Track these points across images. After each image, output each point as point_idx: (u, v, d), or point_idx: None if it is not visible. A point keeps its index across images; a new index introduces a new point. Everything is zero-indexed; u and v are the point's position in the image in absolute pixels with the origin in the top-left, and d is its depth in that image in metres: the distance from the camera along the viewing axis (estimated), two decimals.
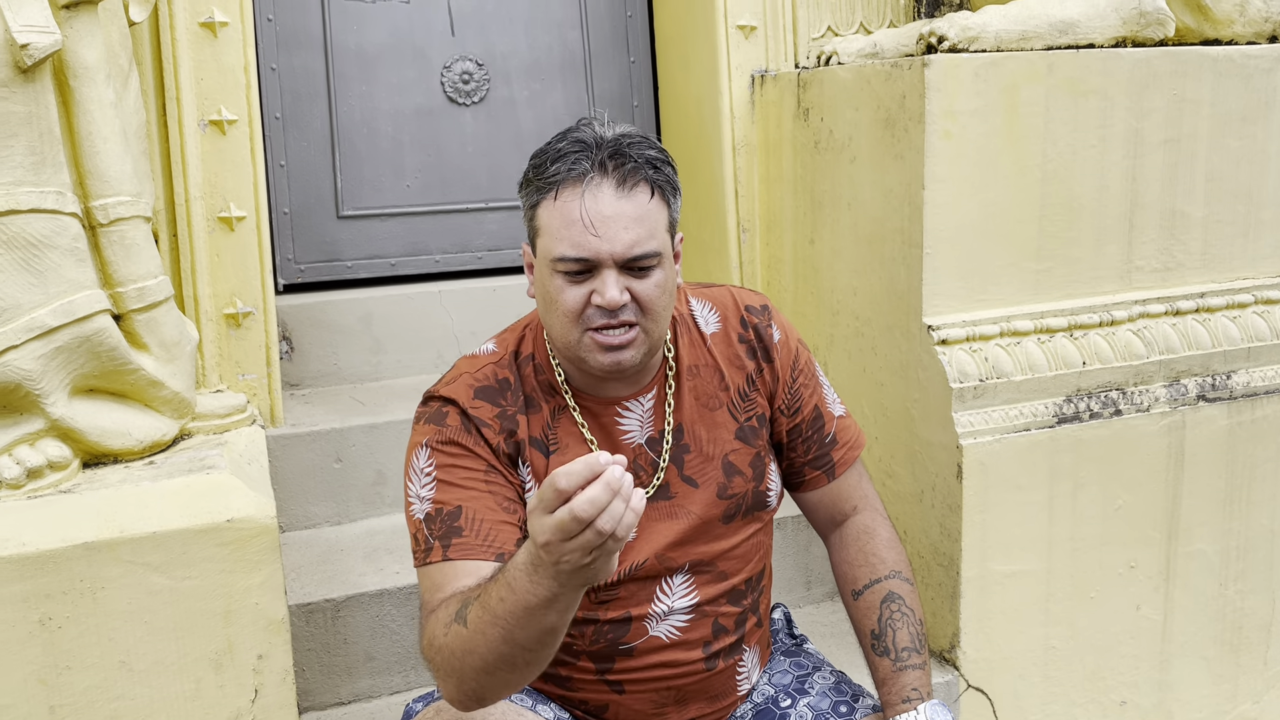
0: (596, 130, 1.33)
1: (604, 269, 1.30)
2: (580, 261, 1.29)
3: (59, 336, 1.70)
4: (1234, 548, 2.45)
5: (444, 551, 1.31)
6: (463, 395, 1.40)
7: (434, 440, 1.37)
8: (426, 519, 1.34)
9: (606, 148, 1.30)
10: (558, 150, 1.31)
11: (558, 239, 1.30)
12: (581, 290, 1.31)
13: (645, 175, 1.31)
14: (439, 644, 1.23)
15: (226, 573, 1.72)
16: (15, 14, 1.63)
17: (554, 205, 1.31)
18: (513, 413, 1.40)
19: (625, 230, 1.29)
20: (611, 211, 1.28)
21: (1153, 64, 2.30)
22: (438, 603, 1.28)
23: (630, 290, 1.31)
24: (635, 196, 1.30)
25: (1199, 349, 2.37)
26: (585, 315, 1.31)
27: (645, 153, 1.32)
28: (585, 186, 1.29)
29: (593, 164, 1.29)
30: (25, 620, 1.63)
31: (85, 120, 1.77)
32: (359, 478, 2.49)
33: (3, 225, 1.65)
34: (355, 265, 2.94)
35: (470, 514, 1.32)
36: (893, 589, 1.50)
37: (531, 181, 1.33)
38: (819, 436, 1.54)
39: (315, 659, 2.14)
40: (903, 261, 2.25)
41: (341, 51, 2.87)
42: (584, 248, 1.29)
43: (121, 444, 1.82)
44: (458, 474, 1.35)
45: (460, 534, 1.31)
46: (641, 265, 1.31)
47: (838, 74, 2.41)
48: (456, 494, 1.34)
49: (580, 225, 1.28)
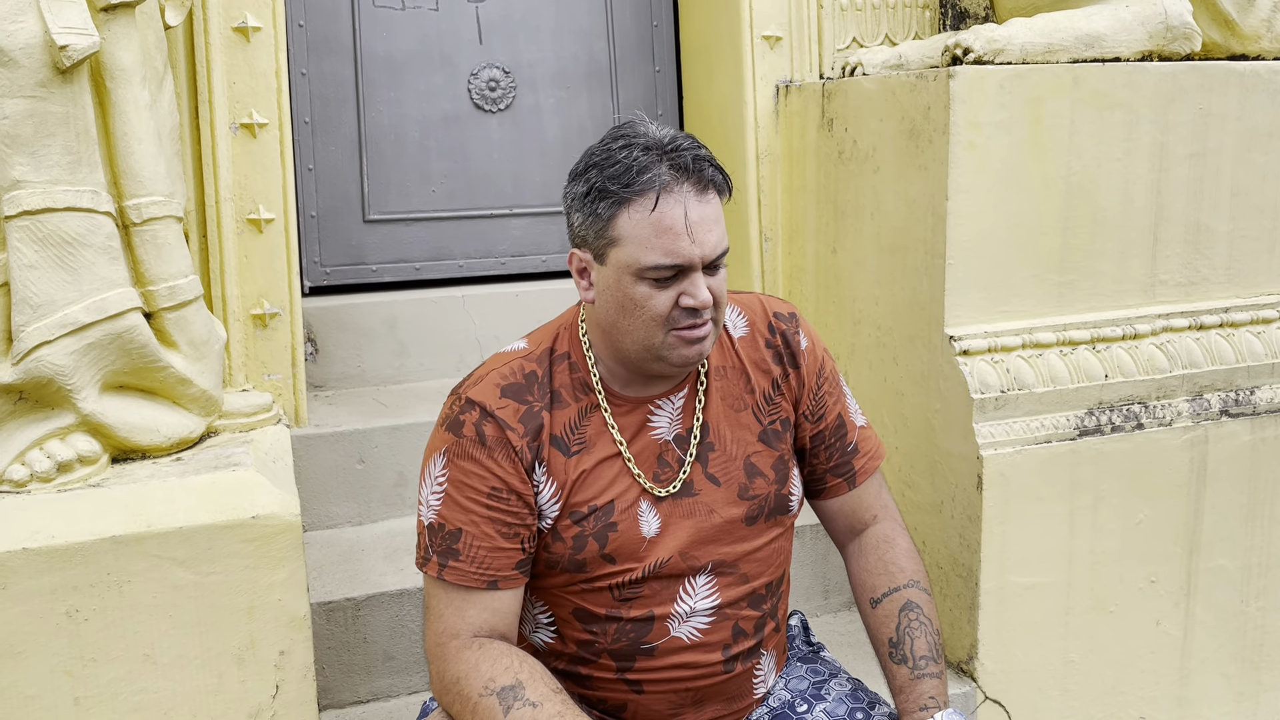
0: (651, 132, 1.36)
1: (693, 272, 1.34)
2: (674, 268, 1.33)
3: (91, 333, 1.73)
4: (1256, 564, 2.43)
5: (440, 570, 1.38)
6: (489, 396, 1.42)
7: (451, 451, 1.40)
8: (430, 528, 1.40)
9: (673, 153, 1.33)
10: (635, 160, 1.32)
11: (647, 247, 1.32)
12: (670, 294, 1.34)
13: (713, 178, 1.36)
14: (462, 691, 1.33)
15: (250, 569, 1.74)
16: (55, 16, 1.67)
17: (645, 215, 1.32)
18: (538, 409, 1.42)
19: (709, 233, 1.34)
20: (697, 216, 1.33)
21: (1179, 78, 2.29)
22: (454, 632, 1.37)
23: (708, 287, 1.36)
24: (711, 199, 1.35)
25: (1222, 364, 2.36)
26: (671, 317, 1.35)
27: (703, 153, 1.36)
28: (674, 195, 1.32)
29: (676, 171, 1.32)
30: (53, 612, 1.66)
31: (121, 121, 1.80)
32: (381, 479, 2.51)
33: (39, 223, 1.68)
34: (380, 269, 2.97)
35: (468, 540, 1.37)
36: (911, 598, 1.50)
37: (612, 193, 1.33)
38: (841, 444, 1.55)
39: (335, 657, 2.16)
40: (925, 272, 2.26)
41: (371, 58, 2.91)
42: (679, 254, 1.32)
43: (150, 440, 1.84)
44: (464, 493, 1.38)
45: (456, 557, 1.38)
46: (718, 263, 1.37)
47: (862, 85, 2.42)
48: (459, 516, 1.38)
49: (674, 233, 1.31)
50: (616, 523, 1.42)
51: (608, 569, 1.42)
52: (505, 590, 1.39)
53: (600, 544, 1.41)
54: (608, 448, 1.44)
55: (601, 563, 1.42)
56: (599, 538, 1.41)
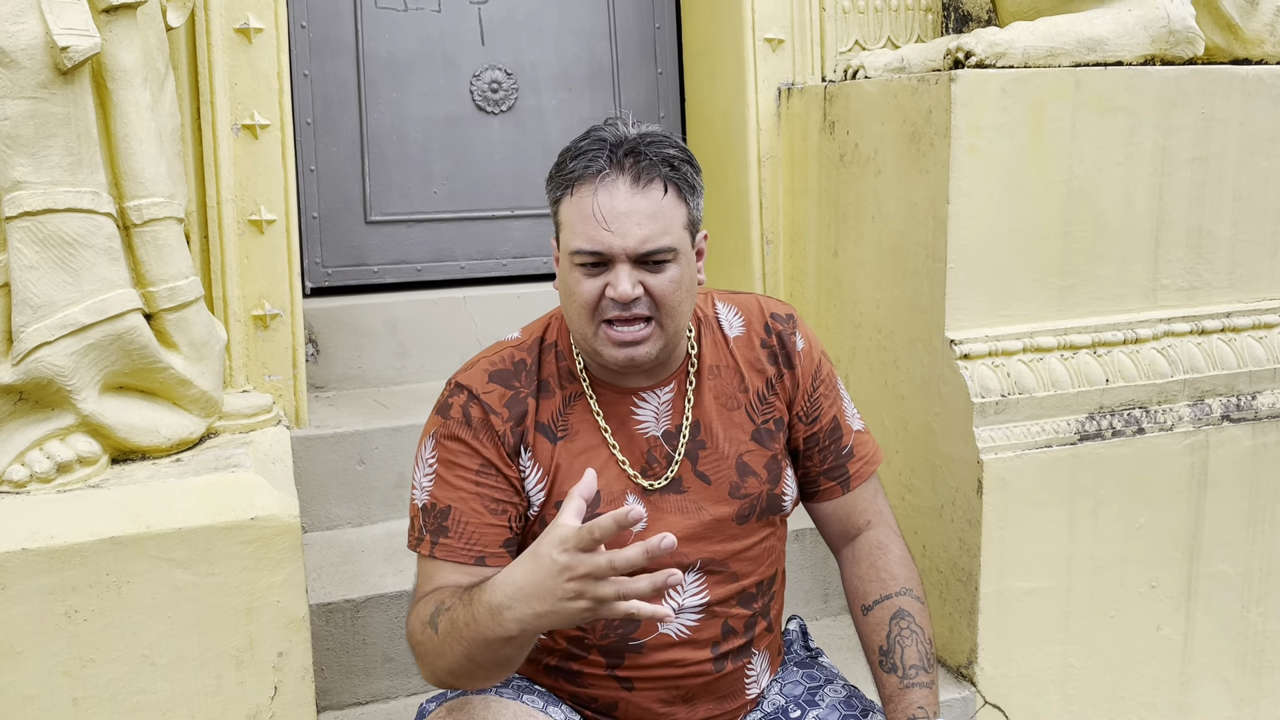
0: (619, 129, 1.37)
1: (617, 263, 1.34)
2: (594, 255, 1.34)
3: (91, 334, 1.73)
4: (1256, 569, 2.43)
5: (431, 547, 1.41)
6: (477, 381, 1.45)
7: (439, 433, 1.44)
8: (424, 510, 1.43)
9: (625, 145, 1.35)
10: (579, 148, 1.36)
11: (574, 233, 1.35)
12: (596, 283, 1.35)
13: (660, 173, 1.35)
14: (416, 638, 1.35)
15: (249, 570, 1.74)
16: (56, 17, 1.67)
17: (572, 201, 1.36)
18: (524, 395, 1.45)
19: (638, 226, 1.33)
20: (625, 208, 1.33)
21: (1181, 82, 2.29)
22: (422, 595, 1.38)
23: (644, 284, 1.35)
24: (649, 193, 1.34)
25: (1224, 369, 2.36)
26: (600, 307, 1.36)
27: (663, 151, 1.35)
28: (599, 183, 1.33)
29: (610, 161, 1.34)
30: (51, 612, 1.66)
31: (122, 122, 1.80)
32: (381, 480, 2.51)
33: (40, 223, 1.68)
34: (382, 270, 2.97)
35: (457, 516, 1.40)
36: (903, 606, 1.50)
37: (554, 178, 1.39)
38: (836, 447, 1.55)
39: (334, 659, 2.16)
40: (926, 275, 2.26)
41: (373, 59, 2.91)
42: (597, 242, 1.33)
43: (149, 441, 1.84)
44: (453, 472, 1.42)
45: (446, 534, 1.40)
46: (655, 260, 1.35)
47: (864, 88, 2.42)
48: (448, 493, 1.41)
49: (594, 221, 1.33)
50: (602, 513, 1.42)
51: None
52: (491, 568, 1.39)
53: None
54: (593, 436, 1.45)
55: None
56: None
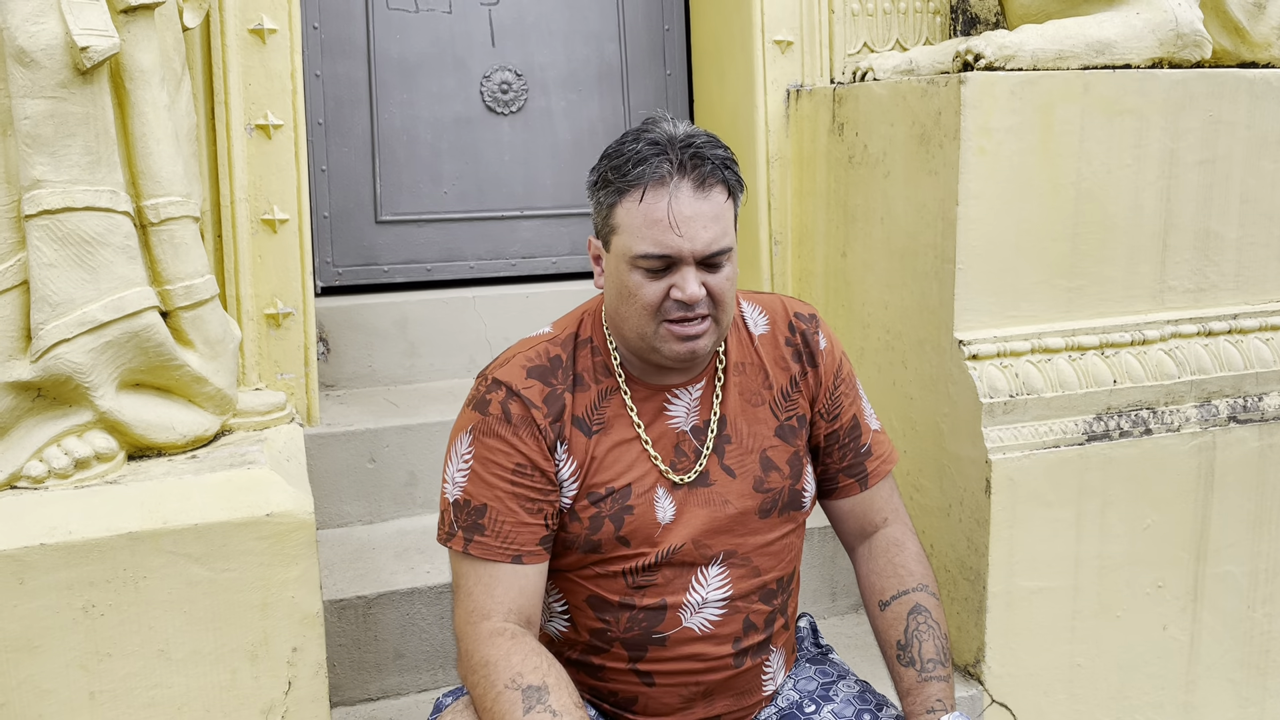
0: (668, 129, 1.39)
1: (684, 266, 1.37)
2: (663, 259, 1.36)
3: (109, 331, 1.75)
4: (1263, 570, 2.44)
5: (465, 544, 1.41)
6: (515, 377, 1.46)
7: (477, 429, 1.44)
8: (455, 505, 1.43)
9: (682, 149, 1.36)
10: (636, 153, 1.37)
11: (639, 237, 1.36)
12: (660, 285, 1.37)
13: (720, 175, 1.38)
14: (473, 664, 1.36)
15: (264, 566, 1.75)
16: (76, 17, 1.68)
17: (636, 205, 1.37)
18: (561, 391, 1.46)
19: (704, 229, 1.36)
20: (691, 212, 1.35)
21: (1189, 85, 2.30)
22: (485, 612, 1.39)
23: (705, 284, 1.38)
24: (712, 196, 1.37)
25: (1231, 370, 2.37)
26: (663, 308, 1.38)
27: (717, 153, 1.38)
28: (668, 188, 1.35)
29: (673, 166, 1.35)
30: (69, 607, 1.67)
31: (139, 122, 1.82)
32: (392, 478, 2.52)
33: (59, 222, 1.69)
34: (392, 270, 2.99)
35: (494, 515, 1.41)
36: (920, 601, 1.52)
37: (611, 182, 1.39)
38: (855, 445, 1.57)
39: (346, 655, 2.18)
40: (935, 276, 2.27)
41: (384, 60, 2.93)
42: (667, 246, 1.35)
43: (165, 438, 1.86)
44: (490, 470, 1.42)
45: (482, 532, 1.41)
46: (716, 261, 1.38)
47: (873, 90, 2.43)
48: (484, 491, 1.42)
49: (663, 225, 1.35)
50: (633, 505, 1.45)
51: (622, 551, 1.45)
52: (530, 565, 1.42)
53: (616, 526, 1.44)
54: (626, 430, 1.47)
55: (616, 545, 1.45)
56: (615, 520, 1.44)
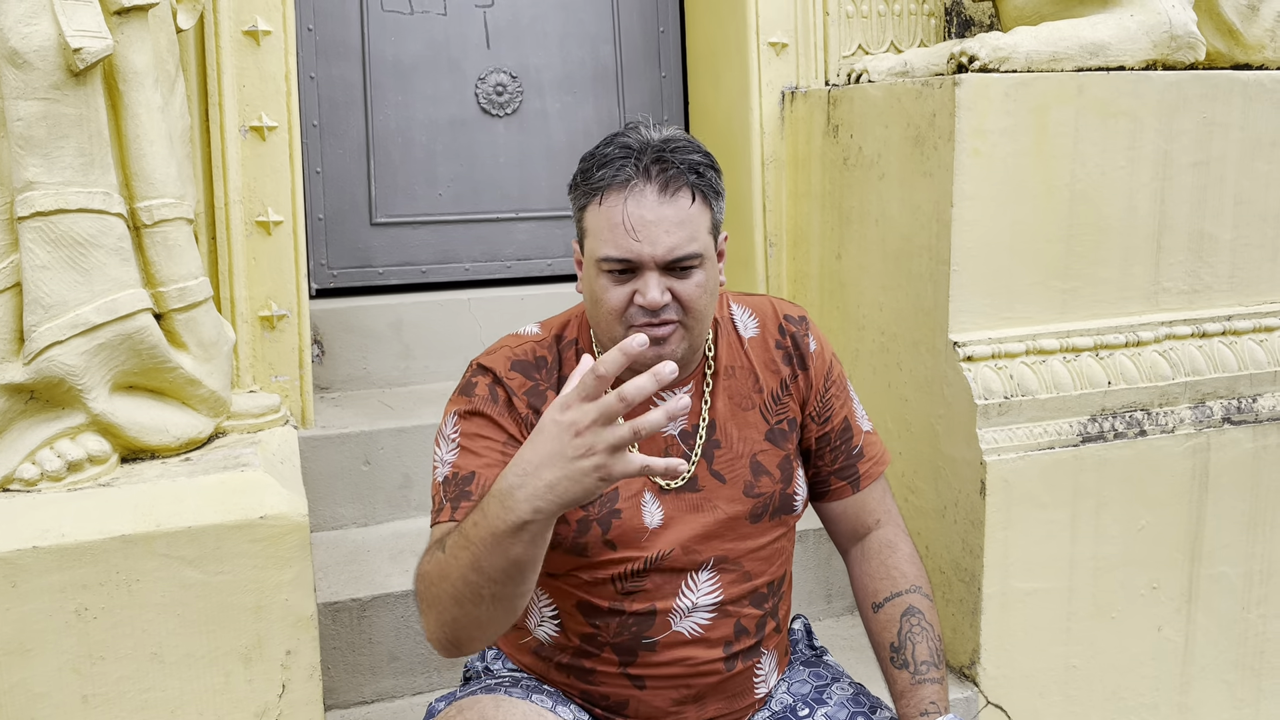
0: (643, 135, 1.38)
1: (646, 271, 1.35)
2: (623, 262, 1.35)
3: (102, 333, 1.74)
4: (1257, 571, 2.44)
5: (452, 512, 1.38)
6: (500, 365, 1.47)
7: (462, 409, 1.45)
8: (445, 481, 1.42)
9: (651, 153, 1.36)
10: (604, 155, 1.37)
11: (602, 241, 1.36)
12: (625, 289, 1.37)
13: (687, 180, 1.36)
14: (421, 571, 1.30)
15: (258, 568, 1.75)
16: (69, 19, 1.68)
17: (599, 209, 1.37)
18: (544, 389, 1.46)
19: (667, 234, 1.34)
20: (654, 216, 1.34)
21: (1183, 87, 2.31)
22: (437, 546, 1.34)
23: (672, 290, 1.36)
24: (677, 201, 1.35)
25: (1225, 371, 2.37)
26: (628, 313, 1.37)
27: (689, 157, 1.37)
28: (628, 192, 1.34)
29: (637, 170, 1.35)
30: (62, 610, 1.67)
31: (133, 124, 1.82)
32: (386, 480, 2.52)
33: (52, 224, 1.69)
34: (387, 272, 2.98)
35: (481, 480, 1.39)
36: (913, 603, 1.51)
37: (579, 185, 1.40)
38: (846, 447, 1.57)
39: (340, 658, 2.17)
40: (930, 278, 2.27)
41: (379, 62, 2.92)
42: (626, 250, 1.34)
43: (159, 440, 1.85)
44: (478, 443, 1.42)
45: (469, 498, 1.38)
46: (683, 266, 1.36)
47: (868, 91, 2.44)
48: (472, 461, 1.41)
49: (621, 229, 1.34)
50: (620, 509, 1.44)
51: (609, 555, 1.44)
52: None
53: (603, 529, 1.44)
54: None
55: (603, 549, 1.44)
56: (602, 523, 1.44)
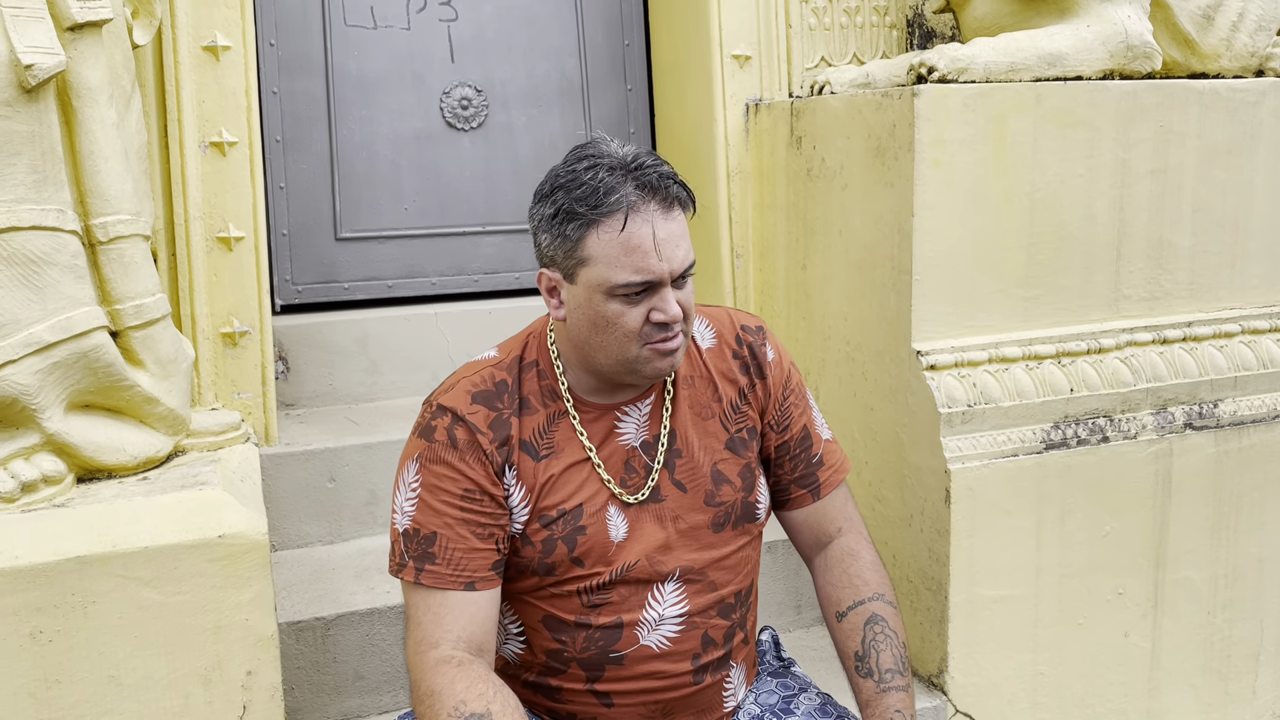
0: (614, 151, 1.38)
1: (663, 287, 1.37)
2: (644, 285, 1.36)
3: (56, 352, 1.72)
4: (1222, 575, 2.46)
5: (417, 574, 1.40)
6: (460, 402, 1.45)
7: (424, 456, 1.43)
8: (405, 535, 1.42)
9: (637, 172, 1.36)
10: (593, 181, 1.35)
11: (618, 266, 1.35)
12: (640, 310, 1.38)
13: (677, 194, 1.38)
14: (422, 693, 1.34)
15: (217, 588, 1.73)
16: (21, 35, 1.66)
17: (603, 236, 1.35)
18: (507, 415, 1.45)
19: (677, 248, 1.37)
20: (665, 234, 1.36)
21: (1139, 96, 2.33)
22: (433, 641, 1.37)
23: (676, 300, 1.39)
24: (676, 215, 1.38)
25: (1186, 377, 2.39)
26: (643, 331, 1.38)
27: (663, 169, 1.38)
28: (636, 214, 1.34)
29: (641, 191, 1.35)
30: (16, 633, 1.64)
31: (87, 140, 1.80)
32: (352, 497, 2.50)
33: (4, 242, 1.67)
34: (352, 287, 2.97)
35: (444, 542, 1.40)
36: (876, 611, 1.51)
37: (580, 214, 1.35)
38: (806, 455, 1.57)
39: (305, 677, 2.15)
40: (893, 288, 2.28)
41: (342, 76, 2.91)
42: (649, 271, 1.35)
43: (116, 459, 1.83)
44: (438, 497, 1.41)
45: (434, 560, 1.39)
46: (685, 277, 1.40)
47: (830, 103, 2.45)
48: (433, 520, 1.40)
49: (642, 250, 1.34)
50: (585, 526, 1.44)
51: (576, 572, 1.44)
52: (482, 592, 1.40)
53: (569, 547, 1.43)
54: (577, 453, 1.46)
55: (570, 565, 1.44)
56: (568, 541, 1.43)
